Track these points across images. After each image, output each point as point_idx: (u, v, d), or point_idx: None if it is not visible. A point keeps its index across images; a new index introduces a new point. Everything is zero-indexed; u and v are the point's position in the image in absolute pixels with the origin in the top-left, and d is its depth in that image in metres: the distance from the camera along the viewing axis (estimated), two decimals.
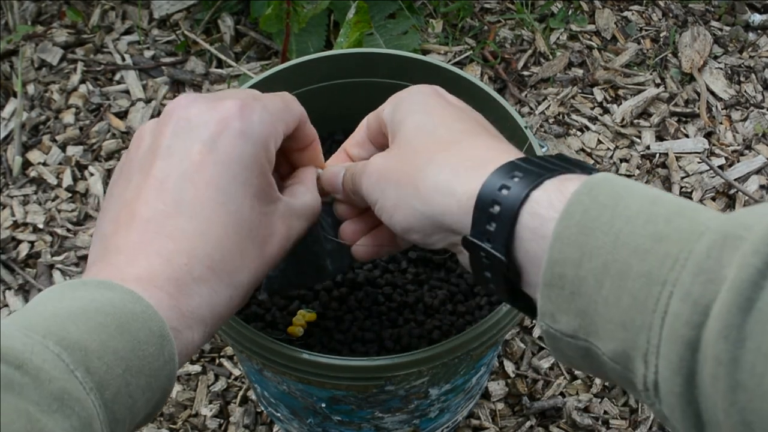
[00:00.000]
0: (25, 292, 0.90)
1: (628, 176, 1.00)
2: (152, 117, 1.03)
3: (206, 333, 0.43)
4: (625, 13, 1.16)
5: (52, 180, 0.98)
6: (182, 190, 0.43)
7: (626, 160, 1.02)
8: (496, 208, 0.40)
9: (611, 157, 1.02)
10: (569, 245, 0.37)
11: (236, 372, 0.85)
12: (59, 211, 0.96)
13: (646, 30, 1.14)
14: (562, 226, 0.37)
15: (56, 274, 0.91)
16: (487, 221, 0.40)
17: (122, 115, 1.04)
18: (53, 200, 0.97)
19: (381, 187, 0.46)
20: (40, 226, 0.95)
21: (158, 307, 0.41)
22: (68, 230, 0.94)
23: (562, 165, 0.41)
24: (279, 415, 0.71)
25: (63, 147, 1.01)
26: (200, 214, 0.43)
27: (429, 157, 0.44)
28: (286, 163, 0.54)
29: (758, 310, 0.31)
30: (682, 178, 1.00)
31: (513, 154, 0.43)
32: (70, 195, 0.97)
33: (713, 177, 1.00)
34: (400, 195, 0.45)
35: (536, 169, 0.40)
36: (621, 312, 0.36)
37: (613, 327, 0.36)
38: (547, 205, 0.39)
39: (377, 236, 0.53)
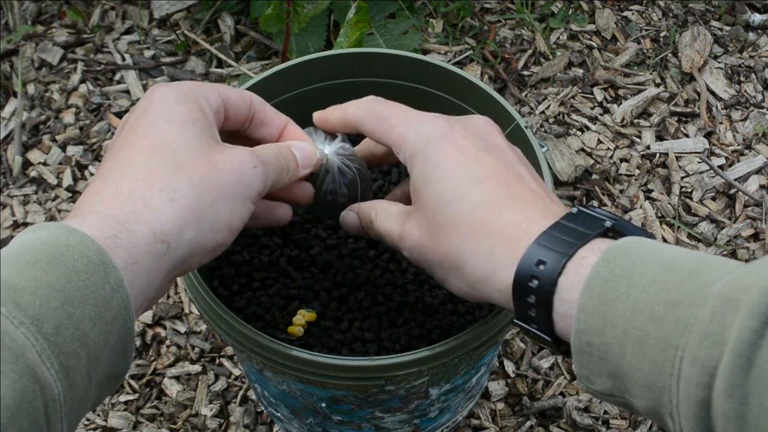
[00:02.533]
0: None
1: (628, 176, 1.00)
2: None
3: (155, 232, 0.44)
4: (625, 13, 1.16)
5: (52, 180, 0.98)
6: (120, 144, 0.48)
7: (626, 160, 1.02)
8: (533, 298, 0.44)
9: (611, 157, 1.02)
10: (592, 315, 0.41)
11: (236, 372, 0.85)
12: (59, 211, 0.96)
13: (646, 30, 1.14)
14: (584, 298, 0.41)
15: None
16: (528, 308, 0.44)
17: (122, 114, 1.04)
18: (53, 200, 0.97)
19: (425, 264, 0.50)
20: None
21: (92, 225, 0.42)
22: None
23: (580, 231, 0.44)
24: (279, 414, 0.71)
25: (63, 147, 1.01)
26: (128, 145, 0.47)
27: (461, 244, 0.47)
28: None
29: (757, 368, 0.34)
30: (682, 178, 1.00)
31: (537, 223, 0.45)
32: (70, 195, 0.98)
33: (713, 177, 1.00)
34: (446, 275, 0.49)
35: (557, 248, 0.43)
36: (645, 375, 0.39)
37: (640, 388, 0.40)
38: (571, 288, 0.42)
39: None
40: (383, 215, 0.53)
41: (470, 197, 0.47)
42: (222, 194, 0.46)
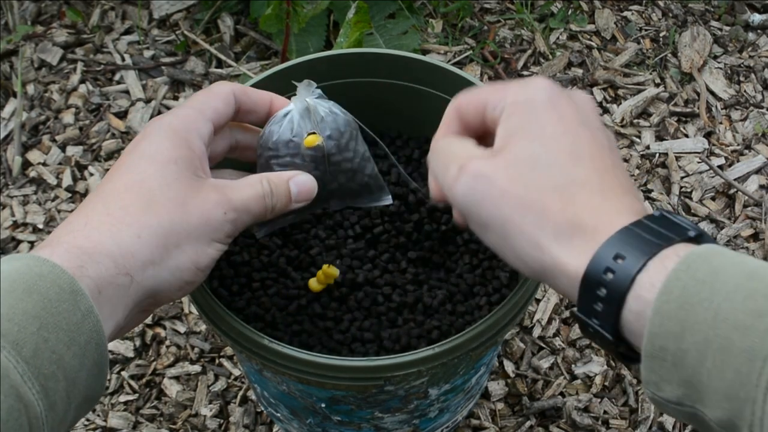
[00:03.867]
0: None
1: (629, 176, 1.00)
2: (152, 117, 1.03)
3: (119, 265, 0.45)
4: (625, 13, 1.16)
5: (52, 180, 0.98)
6: (104, 179, 0.50)
7: (626, 160, 1.02)
8: (603, 291, 0.41)
9: None
10: (669, 319, 0.39)
11: (236, 372, 0.85)
12: (59, 211, 0.96)
13: (645, 30, 1.14)
14: (661, 301, 0.39)
15: None
16: (594, 301, 0.42)
17: (122, 115, 1.05)
18: (53, 200, 0.97)
19: (483, 204, 0.45)
20: (40, 226, 0.95)
21: (60, 255, 0.43)
22: None
23: (663, 234, 0.42)
24: (279, 415, 0.71)
25: (63, 147, 1.01)
26: (108, 181, 0.49)
27: (544, 211, 0.44)
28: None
29: None
30: (682, 178, 1.00)
31: (621, 214, 0.43)
32: (70, 195, 0.98)
33: (713, 177, 1.00)
34: (505, 234, 0.45)
35: (638, 245, 0.41)
36: (725, 385, 0.37)
37: (718, 398, 0.38)
38: (649, 286, 0.40)
39: None
40: (455, 140, 0.49)
41: (566, 170, 0.45)
42: (189, 236, 0.48)
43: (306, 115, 0.55)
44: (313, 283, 0.64)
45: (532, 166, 0.45)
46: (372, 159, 0.59)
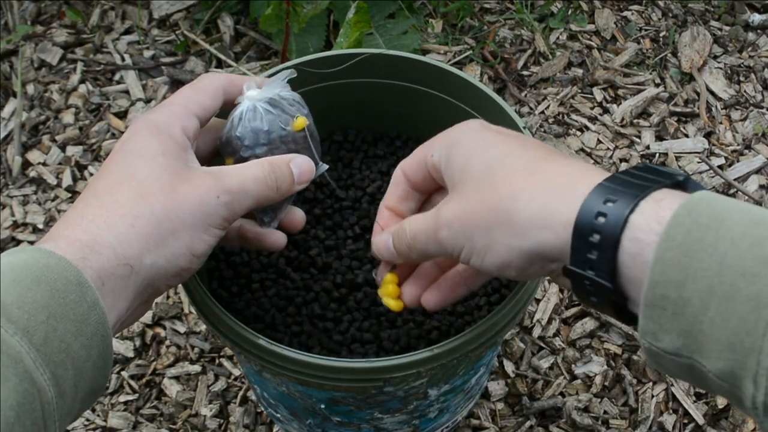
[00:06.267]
0: None
1: None
2: None
3: (118, 255, 0.46)
4: (625, 13, 1.16)
5: (51, 180, 0.98)
6: (94, 178, 0.50)
7: (626, 160, 1.02)
8: (596, 237, 0.40)
9: (611, 157, 1.02)
10: (672, 267, 0.38)
11: (236, 372, 0.85)
12: (59, 211, 0.96)
13: (645, 30, 1.14)
14: (663, 248, 0.38)
15: None
16: (588, 250, 0.41)
17: (122, 115, 1.05)
18: (53, 200, 0.97)
19: (467, 233, 0.46)
20: (40, 226, 0.95)
21: (63, 248, 0.44)
22: None
23: (651, 178, 0.42)
24: (279, 415, 0.71)
25: (63, 147, 1.01)
26: (98, 179, 0.49)
27: (513, 190, 0.44)
28: None
29: None
30: None
31: (595, 173, 0.43)
32: (69, 195, 0.98)
33: (713, 177, 1.00)
34: (492, 236, 0.45)
35: (628, 189, 0.41)
36: (729, 333, 0.36)
37: (720, 347, 0.37)
38: (646, 228, 0.39)
39: (443, 285, 0.55)
40: (413, 220, 0.51)
41: (521, 154, 0.46)
42: (183, 223, 0.48)
43: (276, 104, 0.55)
44: (393, 305, 0.57)
45: (492, 174, 0.46)
46: None
